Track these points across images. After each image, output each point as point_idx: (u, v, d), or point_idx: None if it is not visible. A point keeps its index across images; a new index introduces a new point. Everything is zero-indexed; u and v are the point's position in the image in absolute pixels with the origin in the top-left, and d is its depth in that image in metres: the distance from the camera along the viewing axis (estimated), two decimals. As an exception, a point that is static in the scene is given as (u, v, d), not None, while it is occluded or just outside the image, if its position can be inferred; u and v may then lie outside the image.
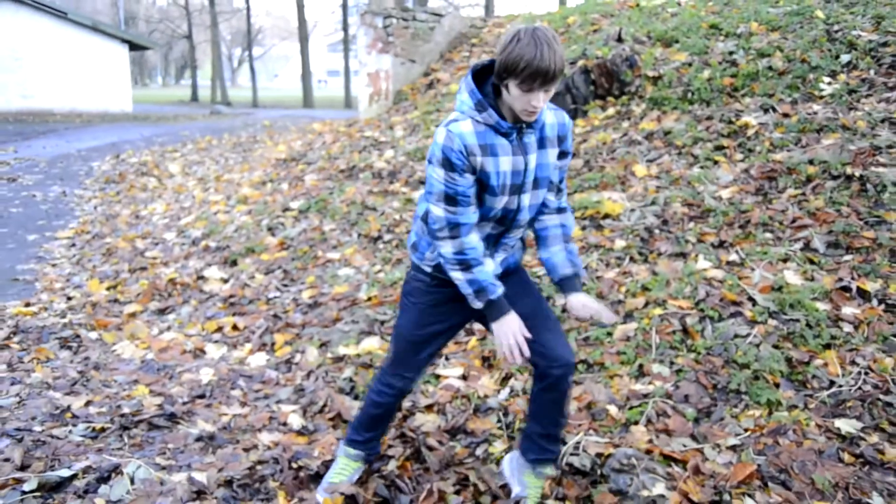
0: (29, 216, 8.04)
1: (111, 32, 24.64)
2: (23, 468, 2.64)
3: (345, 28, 38.23)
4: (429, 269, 2.34)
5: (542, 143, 2.16)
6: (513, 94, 1.95)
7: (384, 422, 2.64)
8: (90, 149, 13.94)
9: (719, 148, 5.08)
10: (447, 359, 3.60)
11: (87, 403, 3.29)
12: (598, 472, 2.62)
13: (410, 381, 2.52)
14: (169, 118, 22.92)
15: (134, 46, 26.44)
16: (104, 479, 2.58)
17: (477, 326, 3.69)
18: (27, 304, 4.92)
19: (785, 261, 3.79)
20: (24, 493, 2.46)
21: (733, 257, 3.91)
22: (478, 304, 2.17)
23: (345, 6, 37.76)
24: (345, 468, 2.62)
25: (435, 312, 2.39)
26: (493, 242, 2.27)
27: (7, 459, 2.68)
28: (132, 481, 2.57)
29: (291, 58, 73.12)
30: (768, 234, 4.04)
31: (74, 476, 2.58)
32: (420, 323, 2.41)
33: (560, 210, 2.36)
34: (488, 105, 2.03)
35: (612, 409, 3.02)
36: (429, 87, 9.68)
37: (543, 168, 2.18)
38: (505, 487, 2.62)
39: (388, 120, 9.00)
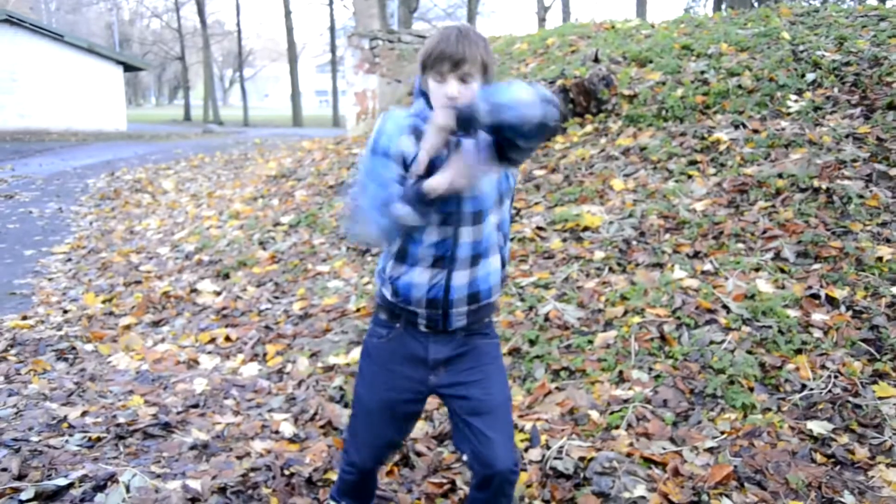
0: (26, 232, 8.03)
1: (106, 54, 24.74)
2: (20, 477, 2.63)
3: (332, 50, 38.49)
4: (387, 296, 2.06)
5: None
6: (431, 90, 1.86)
7: (365, 493, 2.34)
8: (85, 167, 13.93)
9: (693, 163, 5.16)
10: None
11: (84, 414, 3.28)
12: (581, 475, 2.67)
13: (363, 462, 2.21)
14: (162, 137, 22.91)
15: (128, 67, 26.50)
16: (100, 488, 2.57)
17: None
18: (24, 318, 4.89)
19: (757, 270, 3.87)
20: (21, 502, 2.45)
21: (707, 267, 3.98)
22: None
23: (332, 29, 38.00)
24: None
25: (387, 373, 2.09)
26: (447, 254, 1.95)
27: (5, 469, 2.67)
28: (128, 489, 2.56)
29: (281, 78, 73.07)
30: (740, 245, 4.12)
31: (71, 485, 2.57)
32: (373, 386, 2.14)
33: None
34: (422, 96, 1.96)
35: (594, 414, 3.07)
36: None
37: None
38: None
39: (376, 137, 9.05)
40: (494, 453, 1.97)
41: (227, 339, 4.44)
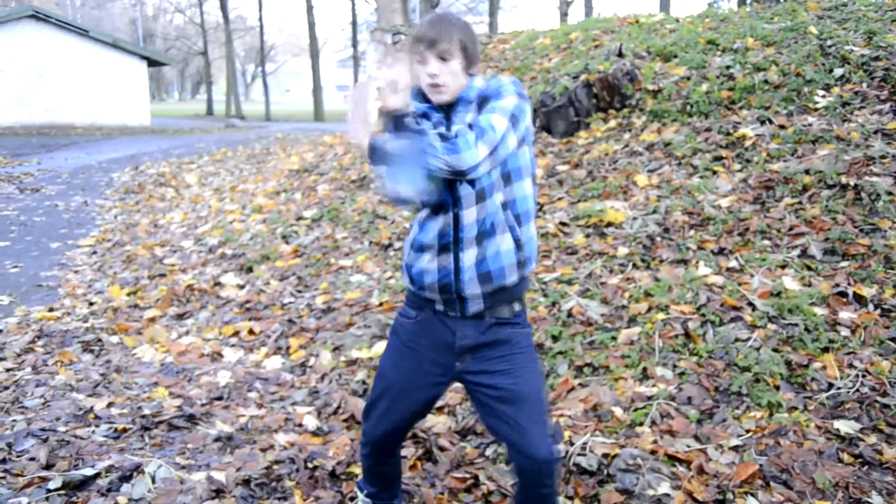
0: (52, 225, 8.13)
1: (130, 49, 25.03)
2: (48, 467, 2.68)
3: (354, 44, 38.62)
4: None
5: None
6: (417, 72, 1.95)
7: (383, 478, 2.37)
8: (110, 161, 14.11)
9: (718, 158, 5.11)
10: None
11: (110, 405, 3.33)
12: (605, 471, 2.66)
13: (372, 435, 2.23)
14: (185, 131, 23.13)
15: (152, 62, 26.78)
16: (126, 478, 2.62)
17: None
18: (51, 310, 4.95)
19: (783, 267, 3.82)
20: (49, 491, 2.50)
21: (733, 264, 3.94)
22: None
23: (354, 24, 38.06)
24: None
25: (413, 354, 2.12)
26: (451, 237, 1.99)
27: (33, 459, 2.73)
28: (153, 480, 2.61)
29: (303, 73, 73.42)
30: (766, 242, 4.07)
31: (98, 475, 2.62)
32: (397, 363, 2.17)
33: None
34: (417, 92, 2.03)
35: (618, 411, 3.05)
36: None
37: None
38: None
39: (398, 132, 9.06)
40: (528, 442, 1.98)
41: (251, 332, 4.47)
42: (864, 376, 3.04)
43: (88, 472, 2.63)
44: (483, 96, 1.94)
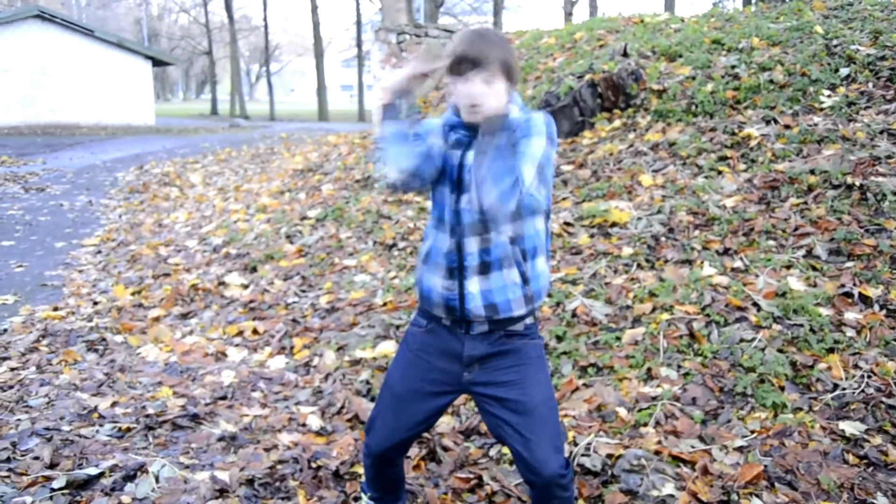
0: (57, 224, 8.15)
1: (135, 49, 25.10)
2: (52, 466, 2.68)
3: (358, 44, 38.65)
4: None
5: None
6: (455, 93, 1.90)
7: (386, 484, 2.33)
8: (115, 160, 14.14)
9: (723, 158, 5.10)
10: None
11: (114, 404, 3.33)
12: (609, 472, 2.66)
13: (376, 445, 2.19)
14: (190, 131, 23.17)
15: (157, 62, 26.86)
16: (130, 478, 2.61)
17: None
18: (55, 309, 4.96)
19: (788, 267, 3.81)
20: (53, 490, 2.50)
21: (738, 264, 3.93)
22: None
23: (359, 23, 38.08)
24: None
25: (422, 363, 2.10)
26: (455, 263, 1.97)
27: (37, 458, 2.73)
28: (157, 480, 2.61)
29: (307, 73, 73.36)
30: (771, 242, 4.06)
31: (101, 474, 2.62)
32: (405, 373, 2.14)
33: None
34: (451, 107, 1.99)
35: (622, 412, 3.05)
36: (440, 100, 9.77)
37: None
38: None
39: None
40: (535, 456, 1.94)
41: (255, 331, 4.47)
42: (869, 377, 3.03)
43: (92, 471, 2.63)
44: (511, 129, 1.86)
